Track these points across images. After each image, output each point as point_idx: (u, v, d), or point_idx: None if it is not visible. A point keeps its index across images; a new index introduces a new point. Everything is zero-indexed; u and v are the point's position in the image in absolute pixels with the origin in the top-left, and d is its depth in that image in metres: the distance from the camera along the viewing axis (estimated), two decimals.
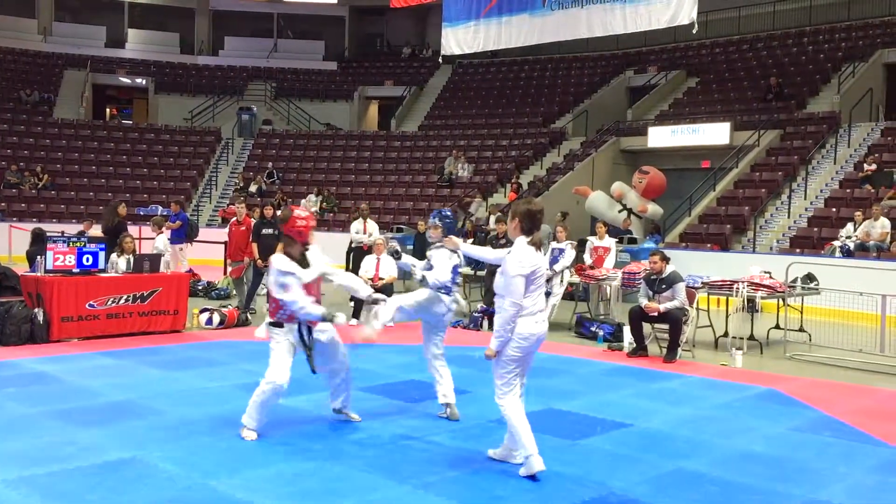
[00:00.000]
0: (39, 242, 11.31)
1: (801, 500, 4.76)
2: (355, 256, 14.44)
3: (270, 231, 11.70)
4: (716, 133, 20.08)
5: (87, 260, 9.69)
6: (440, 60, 19.40)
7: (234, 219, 12.37)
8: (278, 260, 5.56)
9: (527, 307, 4.87)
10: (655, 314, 9.26)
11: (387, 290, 11.63)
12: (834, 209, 16.47)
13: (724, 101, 22.65)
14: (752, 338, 10.42)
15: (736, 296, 10.03)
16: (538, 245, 4.93)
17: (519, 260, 4.89)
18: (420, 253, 14.59)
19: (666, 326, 9.34)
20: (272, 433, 5.75)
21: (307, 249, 5.74)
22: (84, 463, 5.02)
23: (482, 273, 12.41)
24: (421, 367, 8.37)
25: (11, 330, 8.91)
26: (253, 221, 12.14)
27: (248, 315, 11.26)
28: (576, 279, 11.69)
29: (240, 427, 5.64)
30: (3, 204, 21.95)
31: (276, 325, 5.64)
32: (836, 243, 14.72)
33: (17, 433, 5.65)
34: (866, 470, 5.38)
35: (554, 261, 11.66)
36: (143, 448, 5.35)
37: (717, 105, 22.48)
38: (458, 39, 20.89)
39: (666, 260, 9.45)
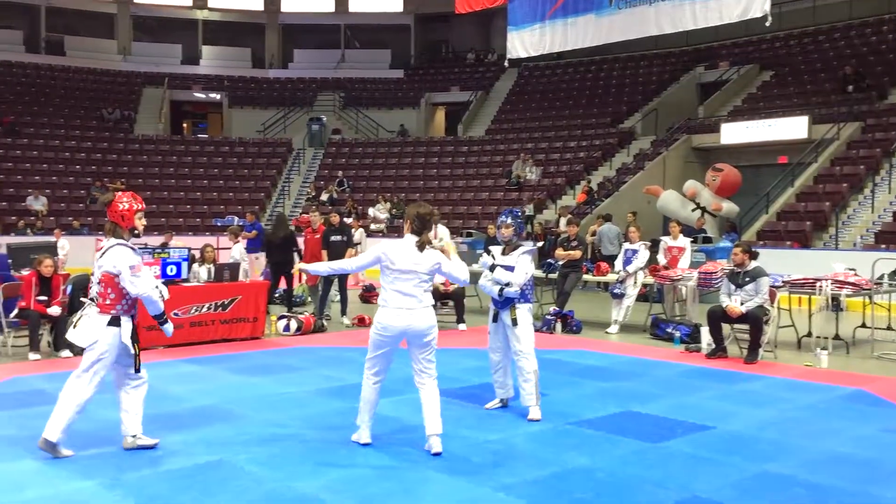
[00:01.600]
0: None
1: (894, 502, 4.60)
2: None
3: (339, 238, 11.91)
4: (793, 127, 19.55)
5: (171, 270, 10.02)
6: (506, 64, 19.35)
7: (309, 227, 12.62)
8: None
9: (384, 298, 5.35)
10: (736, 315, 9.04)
11: (459, 294, 11.69)
12: None
13: (800, 95, 22.02)
14: (837, 337, 10.09)
15: (819, 294, 9.73)
16: (423, 245, 5.32)
17: (384, 249, 5.38)
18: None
19: (746, 327, 9.12)
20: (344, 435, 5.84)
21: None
22: (173, 466, 5.20)
23: (554, 276, 12.35)
24: None
25: None
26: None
27: (325, 322, 11.45)
28: (650, 280, 11.52)
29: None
30: (89, 219, 22.83)
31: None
32: None
33: (110, 438, 5.87)
34: None
35: (627, 262, 11.53)
36: (229, 451, 5.50)
37: (794, 98, 21.86)
38: (523, 42, 20.82)
39: (748, 253, 9.21)
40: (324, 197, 24.55)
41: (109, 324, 5.41)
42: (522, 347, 6.39)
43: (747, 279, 9.07)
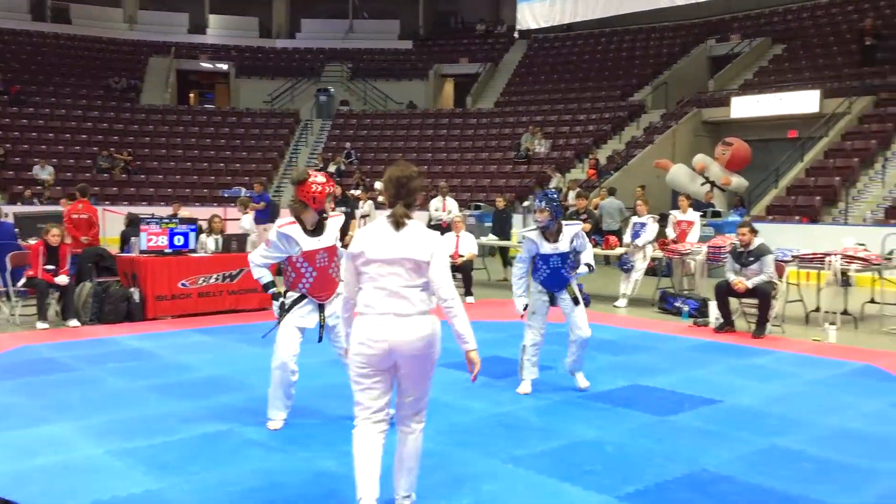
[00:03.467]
0: (133, 225, 11.75)
1: None
2: None
3: (344, 209, 11.88)
4: (804, 101, 19.35)
5: (179, 241, 10.02)
6: (515, 35, 19.22)
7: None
8: (279, 224, 5.31)
9: (364, 303, 3.79)
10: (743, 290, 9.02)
11: (467, 266, 11.68)
12: None
13: (812, 68, 21.77)
14: (845, 312, 10.06)
15: (828, 269, 9.69)
16: (399, 221, 3.78)
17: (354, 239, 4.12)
18: (499, 230, 14.60)
19: (754, 301, 9.10)
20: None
21: (325, 218, 5.35)
22: (184, 435, 5.22)
23: None
24: (503, 343, 8.43)
25: (110, 308, 9.32)
26: None
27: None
28: (659, 254, 11.48)
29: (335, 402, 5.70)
30: (96, 188, 22.83)
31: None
32: None
33: (120, 406, 5.91)
34: None
35: (635, 235, 11.49)
36: (240, 421, 5.53)
37: (805, 72, 21.62)
38: (534, 14, 20.71)
39: (754, 232, 9.18)
40: (331, 168, 24.46)
41: None
42: (584, 320, 6.38)
43: (751, 258, 9.04)
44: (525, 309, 6.40)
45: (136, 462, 4.73)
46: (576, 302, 6.37)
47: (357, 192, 18.73)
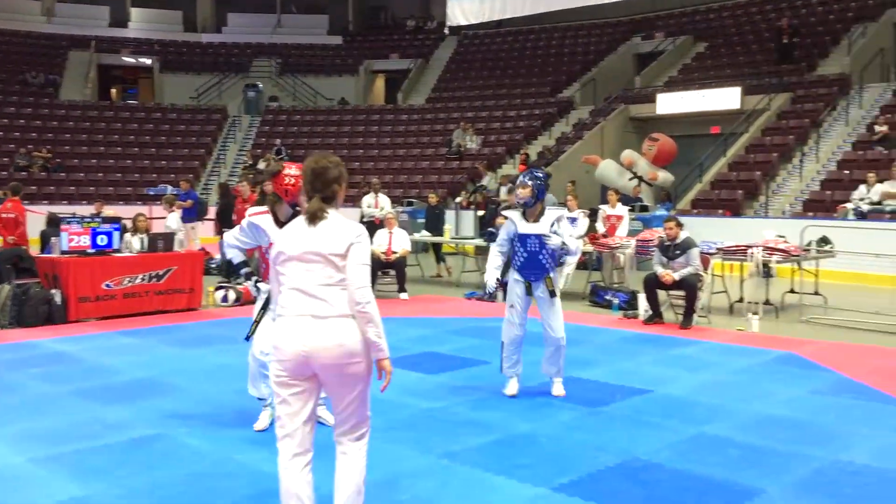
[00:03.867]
0: (53, 225, 11.36)
1: (825, 461, 4.78)
2: (367, 231, 14.49)
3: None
4: (725, 98, 19.90)
5: (102, 240, 9.72)
6: (446, 31, 19.27)
7: (240, 197, 12.34)
8: (251, 212, 5.25)
9: (281, 304, 3.47)
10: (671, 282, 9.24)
11: (400, 263, 11.66)
12: (846, 171, 16.33)
13: (733, 66, 22.41)
14: (767, 302, 10.39)
15: (750, 261, 9.99)
16: (315, 215, 3.45)
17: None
18: (432, 227, 14.62)
19: (681, 293, 9.33)
20: None
21: (299, 212, 5.27)
22: (111, 440, 5.08)
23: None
24: (436, 339, 8.45)
25: (30, 311, 8.98)
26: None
27: None
28: (589, 248, 11.67)
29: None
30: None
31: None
32: (850, 206, 14.64)
33: (42, 412, 5.70)
34: (890, 430, 5.38)
35: None
36: (169, 424, 5.40)
37: (727, 69, 22.24)
38: (463, 10, 20.72)
39: (680, 226, 9.42)
40: (261, 165, 24.09)
41: None
42: (558, 320, 6.01)
43: (678, 251, 9.27)
44: (497, 285, 6.12)
45: (60, 469, 4.57)
46: (552, 295, 6.00)
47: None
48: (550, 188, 16.35)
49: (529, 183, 5.93)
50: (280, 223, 5.08)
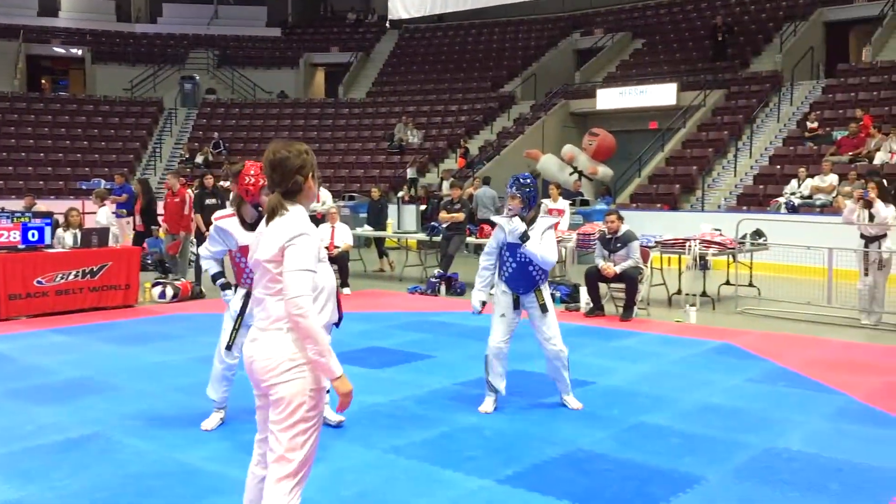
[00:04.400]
0: None
1: (760, 448, 4.90)
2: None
3: (214, 201, 11.52)
4: (662, 94, 20.29)
5: (33, 235, 9.41)
6: (387, 25, 19.17)
7: (170, 191, 11.97)
8: (217, 216, 5.16)
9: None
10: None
11: (343, 258, 11.57)
12: (778, 166, 16.80)
13: (669, 62, 22.84)
14: (704, 294, 10.63)
15: (688, 253, 10.20)
16: (273, 211, 3.07)
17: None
18: (374, 221, 14.54)
19: (622, 286, 9.47)
20: (236, 405, 5.69)
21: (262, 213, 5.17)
22: (45, 441, 4.92)
23: (437, 239, 12.41)
24: (379, 334, 8.41)
25: None
26: (188, 193, 11.87)
27: (202, 289, 11.08)
28: None
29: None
30: None
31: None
32: (782, 199, 15.06)
33: None
34: (821, 417, 5.55)
35: None
36: (105, 424, 5.25)
37: (664, 66, 22.66)
38: (405, 4, 20.60)
39: (621, 219, 9.56)
40: (199, 159, 23.65)
41: None
42: (554, 332, 5.64)
43: (619, 245, 9.41)
44: (483, 307, 5.64)
45: None
46: (543, 310, 5.60)
47: (227, 185, 18.18)
48: (493, 182, 16.57)
49: (518, 193, 5.51)
50: (246, 224, 4.97)
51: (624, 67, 23.74)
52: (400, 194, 20.18)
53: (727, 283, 11.19)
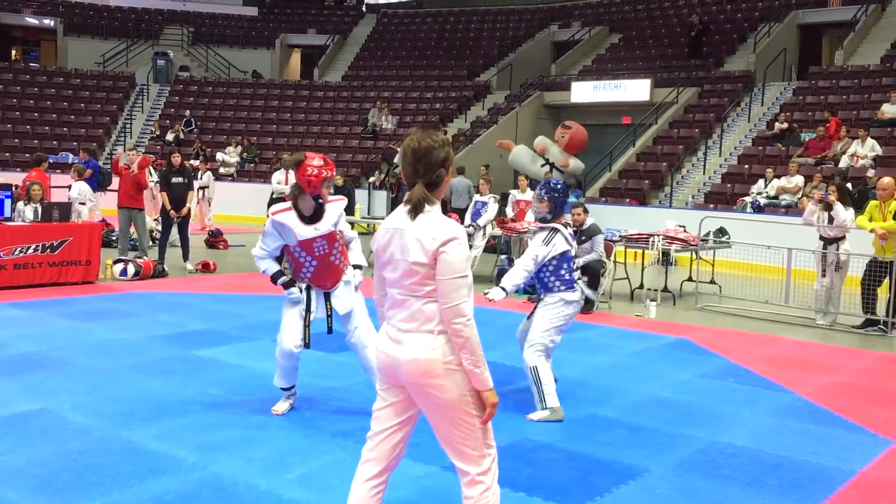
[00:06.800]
0: None
1: (705, 442, 4.98)
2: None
3: (180, 180, 11.40)
4: (636, 89, 20.39)
5: None
6: (364, 9, 19.07)
7: (126, 167, 11.65)
8: (274, 209, 5.02)
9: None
10: None
11: None
12: (747, 166, 16.98)
13: (645, 58, 22.95)
14: (666, 289, 10.74)
15: (652, 249, 10.30)
16: (419, 205, 2.94)
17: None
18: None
19: (584, 279, 9.52)
20: (190, 385, 5.68)
21: (320, 204, 4.94)
22: None
23: None
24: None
25: None
26: (147, 171, 11.68)
27: (164, 267, 10.98)
28: (498, 232, 11.80)
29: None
30: None
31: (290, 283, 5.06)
32: (748, 199, 15.23)
33: None
34: (767, 413, 5.65)
35: (476, 214, 11.75)
36: (53, 399, 5.21)
37: (639, 62, 22.77)
38: None
39: (586, 212, 9.62)
40: (169, 137, 23.40)
41: None
42: (535, 333, 5.70)
43: (583, 237, 9.48)
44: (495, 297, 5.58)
45: None
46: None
47: (196, 163, 18.05)
48: (467, 172, 16.56)
49: (546, 197, 5.49)
50: (304, 217, 4.86)
51: (600, 61, 23.81)
52: (371, 179, 20.13)
53: (689, 279, 11.31)
